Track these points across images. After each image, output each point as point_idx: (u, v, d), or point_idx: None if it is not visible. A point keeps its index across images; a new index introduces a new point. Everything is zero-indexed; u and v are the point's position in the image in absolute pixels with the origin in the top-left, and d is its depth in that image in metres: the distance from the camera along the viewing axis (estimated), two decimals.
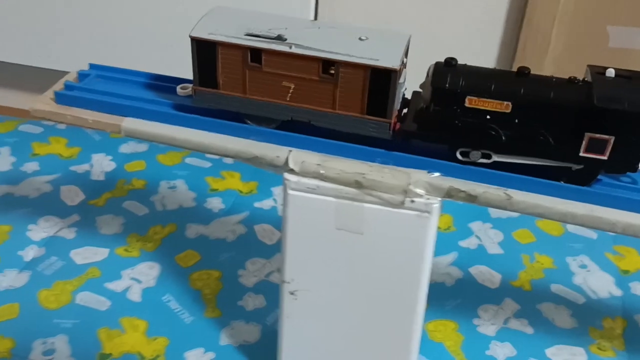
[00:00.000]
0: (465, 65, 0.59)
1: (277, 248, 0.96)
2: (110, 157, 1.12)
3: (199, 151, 0.63)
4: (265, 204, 1.05)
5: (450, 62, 0.58)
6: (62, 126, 1.20)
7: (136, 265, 0.91)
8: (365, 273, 0.64)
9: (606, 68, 0.57)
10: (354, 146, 0.61)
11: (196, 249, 0.95)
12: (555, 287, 0.91)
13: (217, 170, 1.12)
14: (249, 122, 0.63)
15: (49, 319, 0.81)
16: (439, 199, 0.58)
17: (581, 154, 0.57)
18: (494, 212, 1.04)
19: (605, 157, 0.56)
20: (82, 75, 0.69)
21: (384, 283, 0.64)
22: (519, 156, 0.58)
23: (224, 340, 0.81)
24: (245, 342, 0.81)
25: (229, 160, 1.14)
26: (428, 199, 0.58)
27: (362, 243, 0.62)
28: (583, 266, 0.95)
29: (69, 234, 0.95)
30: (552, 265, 0.95)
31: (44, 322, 0.81)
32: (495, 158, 0.58)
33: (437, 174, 0.58)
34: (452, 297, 0.89)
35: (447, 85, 0.57)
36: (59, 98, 0.66)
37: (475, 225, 1.01)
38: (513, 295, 0.89)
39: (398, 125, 0.61)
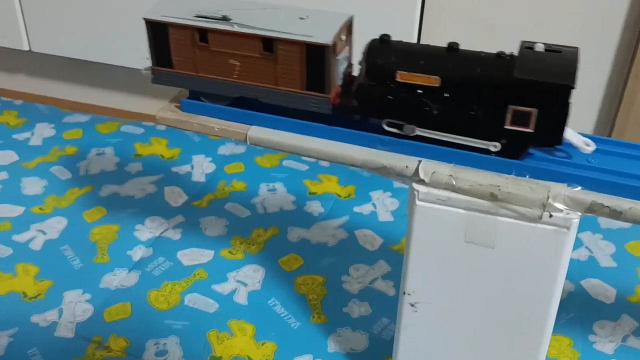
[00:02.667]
0: (400, 42, 0.61)
1: (379, 254, 0.94)
2: (210, 159, 1.14)
3: (326, 160, 0.62)
4: (365, 208, 1.04)
5: (384, 39, 0.60)
6: (162, 127, 1.22)
7: (241, 267, 0.91)
8: (493, 288, 0.62)
9: (537, 43, 0.58)
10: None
11: (299, 252, 0.94)
12: None
13: (314, 173, 1.11)
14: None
15: (160, 319, 0.83)
16: (580, 214, 0.56)
17: (507, 126, 0.57)
18: (604, 222, 1.00)
19: (530, 130, 0.57)
20: None
21: (512, 299, 0.61)
22: (451, 129, 0.59)
23: (331, 347, 0.81)
24: (353, 350, 0.80)
25: (325, 164, 1.14)
26: (568, 213, 0.56)
27: (493, 257, 0.60)
28: None
29: (175, 235, 0.97)
30: None
31: (156, 323, 0.82)
32: (429, 132, 0.60)
33: (578, 187, 0.56)
34: (565, 310, 0.85)
35: (379, 61, 0.59)
36: (185, 106, 0.67)
37: (585, 236, 0.97)
38: (630, 311, 0.85)
39: (338, 100, 0.62)
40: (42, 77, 1.34)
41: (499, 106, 0.57)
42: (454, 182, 0.58)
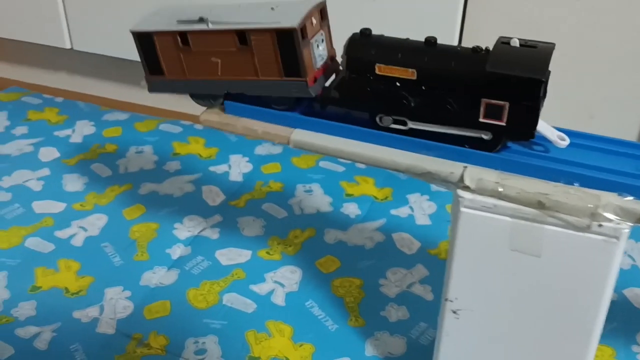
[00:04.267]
0: (381, 35, 0.62)
1: (417, 258, 0.94)
2: (247, 159, 1.14)
3: (370, 165, 0.62)
4: (402, 211, 1.03)
5: (365, 33, 0.62)
6: (199, 126, 1.23)
7: (278, 268, 0.92)
8: (538, 297, 0.61)
9: (513, 38, 0.58)
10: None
11: (336, 254, 0.94)
12: None
13: (350, 175, 1.11)
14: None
15: (199, 318, 0.84)
16: (630, 224, 0.55)
17: (481, 119, 0.58)
18: None
19: (503, 123, 0.57)
20: None
21: (557, 309, 0.61)
22: (429, 122, 0.61)
23: (369, 350, 0.81)
24: (391, 354, 0.80)
25: (361, 165, 1.14)
26: (618, 223, 0.55)
27: (538, 266, 0.59)
28: None
29: (213, 234, 0.97)
30: None
31: (195, 322, 0.83)
32: (408, 124, 0.61)
33: (629, 197, 0.55)
34: (608, 320, 0.83)
35: (359, 54, 0.61)
36: (228, 108, 0.67)
37: (628, 244, 0.96)
38: None
39: (313, 81, 0.64)
40: (83, 75, 1.36)
41: (473, 99, 0.58)
42: (501, 189, 0.57)
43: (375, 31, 0.63)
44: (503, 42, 0.58)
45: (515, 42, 0.58)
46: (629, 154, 0.61)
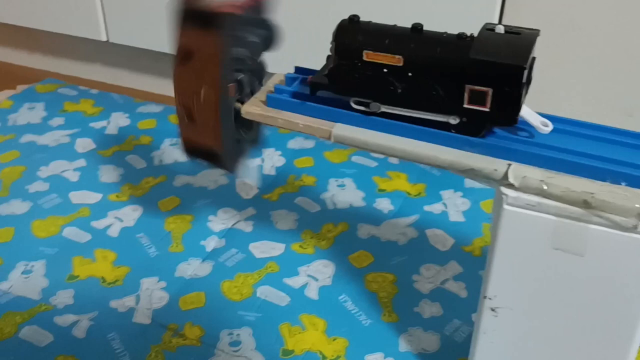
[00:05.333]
0: (369, 22, 0.63)
1: (451, 255, 0.94)
2: (279, 152, 1.15)
3: (412, 160, 0.62)
4: (435, 208, 1.03)
5: (353, 20, 0.63)
6: None
7: (311, 262, 0.92)
8: (580, 297, 0.60)
9: (498, 25, 0.58)
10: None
11: (369, 249, 0.94)
12: None
13: (383, 170, 1.11)
14: None
15: (233, 310, 0.84)
16: None
17: (465, 105, 0.59)
18: None
19: (487, 109, 0.58)
20: (289, 79, 0.70)
21: (599, 309, 0.60)
22: (415, 107, 0.62)
23: (402, 346, 0.80)
24: (424, 350, 0.80)
25: (394, 160, 1.14)
26: None
27: (581, 266, 0.58)
28: None
29: (247, 227, 0.98)
30: None
31: (229, 313, 0.84)
32: (394, 109, 0.62)
33: None
34: None
35: (346, 41, 0.62)
36: (270, 101, 0.67)
37: None
38: None
39: None
40: (118, 67, 1.37)
41: (457, 86, 0.59)
42: (545, 187, 0.57)
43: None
44: (488, 29, 0.59)
45: (500, 29, 0.59)
46: (615, 140, 0.62)
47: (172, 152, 1.14)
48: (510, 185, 0.58)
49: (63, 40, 1.38)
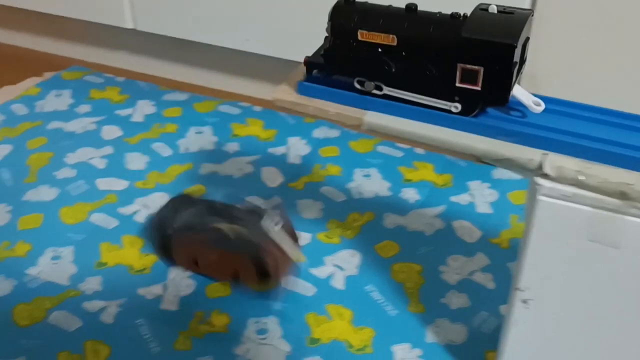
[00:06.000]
0: (364, 2, 0.64)
1: (478, 246, 0.93)
2: (305, 141, 1.14)
3: (445, 148, 0.61)
4: (462, 198, 1.02)
5: (348, 0, 0.63)
6: (257, 108, 1.23)
7: (337, 252, 0.92)
8: (614, 290, 0.59)
9: (491, 5, 0.59)
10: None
11: (395, 239, 0.94)
12: None
13: (409, 160, 1.10)
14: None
15: (260, 299, 0.84)
16: None
17: (458, 84, 0.59)
18: None
19: (479, 88, 0.58)
20: None
21: (633, 302, 0.59)
22: (409, 87, 0.62)
23: (429, 337, 0.80)
24: (452, 342, 0.80)
25: (420, 151, 1.13)
26: None
27: (617, 258, 0.57)
28: None
29: None
30: None
31: (256, 303, 0.84)
32: (388, 89, 0.62)
33: None
34: None
35: (342, 21, 0.62)
36: (301, 88, 0.67)
37: None
38: None
39: None
40: (144, 55, 1.37)
41: (450, 65, 0.59)
42: (582, 178, 0.56)
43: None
44: (481, 9, 0.60)
45: (493, 9, 0.59)
46: (607, 121, 0.61)
47: (197, 140, 1.15)
48: (546, 176, 0.57)
49: (89, 28, 1.39)
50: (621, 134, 0.59)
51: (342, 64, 0.64)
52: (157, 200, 1.00)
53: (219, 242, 0.81)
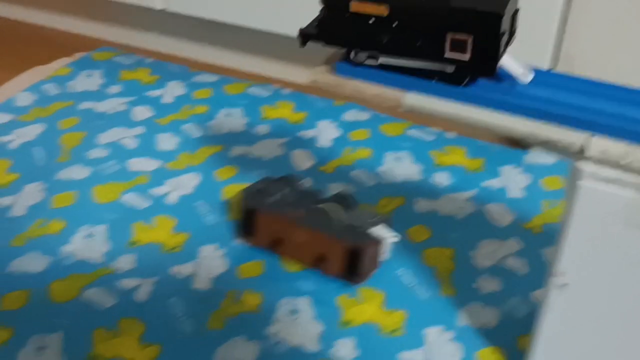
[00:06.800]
0: None
1: (510, 231, 0.92)
2: (335, 124, 1.14)
3: (486, 129, 0.61)
4: (494, 183, 1.01)
5: None
6: (287, 91, 1.23)
7: None
8: None
9: None
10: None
11: (426, 224, 0.94)
12: None
13: (440, 144, 1.10)
14: None
15: (290, 280, 0.84)
16: None
17: (447, 55, 0.60)
18: None
19: (467, 58, 0.59)
20: None
21: None
22: (401, 57, 0.63)
23: (461, 320, 0.80)
24: (484, 325, 0.79)
25: (451, 135, 1.12)
26: None
27: None
28: None
29: None
30: None
31: (287, 284, 0.84)
32: (381, 59, 0.63)
33: None
34: None
35: None
36: (339, 69, 0.66)
37: None
38: None
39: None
40: (173, 36, 1.38)
41: (440, 35, 0.60)
42: (628, 162, 0.55)
43: None
44: None
45: None
46: (599, 93, 0.61)
47: (228, 122, 1.15)
48: (589, 159, 0.56)
49: (119, 9, 1.39)
50: (621, 107, 0.60)
51: (336, 35, 0.65)
52: (189, 182, 1.01)
53: (317, 223, 0.81)
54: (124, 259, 0.87)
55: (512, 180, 1.01)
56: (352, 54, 0.65)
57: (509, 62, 0.62)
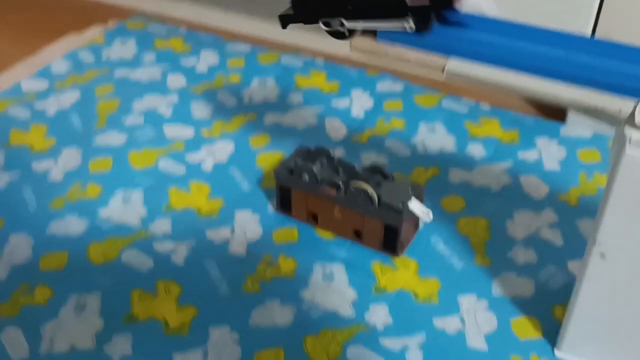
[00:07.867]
0: None
1: (545, 203, 0.92)
2: (368, 93, 1.13)
3: (530, 97, 0.60)
4: (529, 155, 1.00)
5: None
6: (320, 60, 1.23)
7: None
8: None
9: None
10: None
11: (461, 194, 0.93)
12: None
13: (475, 115, 1.08)
14: None
15: (325, 247, 0.85)
16: None
17: (409, 4, 0.61)
18: None
19: (428, 2, 0.61)
20: None
21: None
22: (369, 17, 0.64)
23: (495, 290, 0.80)
24: (518, 295, 0.79)
25: (486, 107, 1.11)
26: None
27: None
28: None
29: None
30: None
31: (322, 250, 0.85)
32: (352, 24, 0.65)
33: None
34: None
35: None
36: (381, 35, 0.66)
37: None
38: None
39: None
40: (205, 6, 1.37)
41: None
42: None
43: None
44: None
45: None
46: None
47: (261, 90, 1.15)
48: (636, 127, 0.56)
49: None
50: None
51: (308, 12, 0.67)
52: (223, 149, 1.01)
53: (353, 201, 0.82)
54: (160, 223, 0.89)
55: (547, 152, 1.00)
56: (329, 24, 0.67)
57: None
